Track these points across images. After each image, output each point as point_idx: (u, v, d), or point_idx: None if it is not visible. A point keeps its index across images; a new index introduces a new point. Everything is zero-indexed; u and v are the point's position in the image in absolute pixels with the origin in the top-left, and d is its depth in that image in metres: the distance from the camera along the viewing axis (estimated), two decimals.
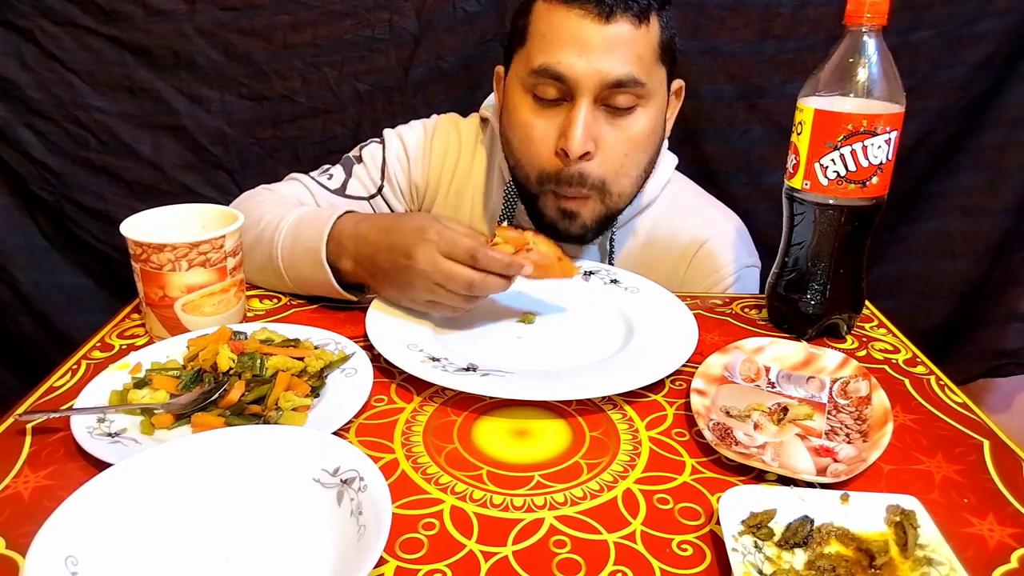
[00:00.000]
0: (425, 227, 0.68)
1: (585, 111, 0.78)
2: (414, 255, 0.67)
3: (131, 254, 0.70)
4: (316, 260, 0.74)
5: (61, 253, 1.22)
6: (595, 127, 0.79)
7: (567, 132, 0.78)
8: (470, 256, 0.66)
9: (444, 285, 0.67)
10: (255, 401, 0.60)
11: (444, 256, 0.67)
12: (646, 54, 0.78)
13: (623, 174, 0.83)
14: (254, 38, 1.11)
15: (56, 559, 0.41)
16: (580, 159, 0.79)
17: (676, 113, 0.91)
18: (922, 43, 1.09)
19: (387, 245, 0.70)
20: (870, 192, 0.68)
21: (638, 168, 0.84)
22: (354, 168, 0.96)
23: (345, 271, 0.75)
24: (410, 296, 0.71)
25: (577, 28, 0.76)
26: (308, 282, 0.78)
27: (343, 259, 0.74)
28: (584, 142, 0.78)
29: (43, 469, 0.54)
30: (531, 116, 0.81)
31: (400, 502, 0.51)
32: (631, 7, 0.76)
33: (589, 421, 0.61)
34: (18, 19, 1.07)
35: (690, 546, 0.48)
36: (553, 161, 0.81)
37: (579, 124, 0.77)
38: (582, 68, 0.76)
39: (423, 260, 0.67)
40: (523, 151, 0.83)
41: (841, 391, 0.64)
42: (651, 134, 0.83)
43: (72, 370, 0.67)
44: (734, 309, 0.82)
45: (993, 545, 0.49)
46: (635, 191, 0.87)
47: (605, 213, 0.85)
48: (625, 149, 0.81)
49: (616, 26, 0.76)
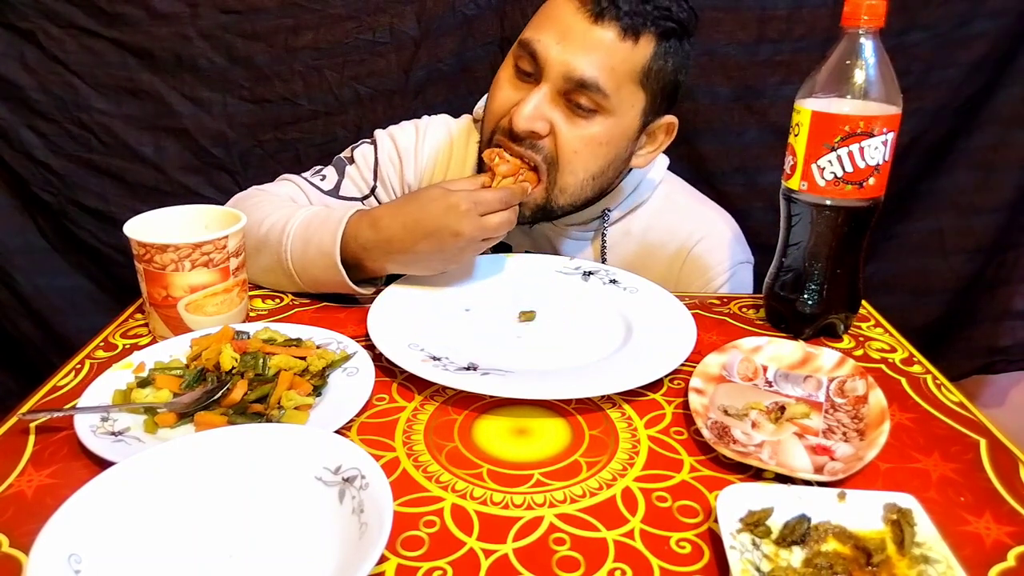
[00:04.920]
0: (453, 203, 0.74)
1: (542, 94, 0.79)
2: (462, 231, 0.73)
3: (134, 255, 0.70)
4: (331, 264, 0.77)
5: (62, 255, 1.22)
6: (550, 113, 0.79)
7: (518, 104, 0.79)
8: (503, 203, 0.75)
9: (490, 237, 0.76)
10: (258, 400, 0.60)
11: (484, 215, 0.74)
12: (621, 68, 0.78)
13: (569, 169, 0.82)
14: (256, 41, 1.12)
15: (59, 557, 0.41)
16: (530, 135, 0.79)
17: (663, 148, 0.88)
18: (916, 44, 1.10)
19: (425, 234, 0.75)
20: (867, 193, 0.69)
21: (585, 171, 0.83)
22: (346, 169, 0.96)
23: (370, 271, 0.79)
24: (460, 259, 0.79)
25: (568, 18, 0.78)
26: (321, 282, 0.80)
27: (366, 262, 0.78)
28: (530, 119, 0.78)
29: (46, 468, 0.54)
30: (506, 80, 0.83)
31: (401, 500, 0.51)
32: (622, 18, 0.76)
33: (588, 420, 0.62)
34: (20, 21, 1.08)
35: (688, 544, 0.49)
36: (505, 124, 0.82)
37: (531, 102, 0.78)
38: (554, 55, 0.78)
39: (471, 230, 0.74)
40: (488, 107, 0.86)
41: (838, 390, 0.64)
42: (605, 144, 0.81)
43: (76, 369, 0.67)
44: (732, 309, 0.83)
45: (990, 543, 0.49)
46: (579, 195, 0.85)
47: (545, 200, 0.84)
48: (575, 145, 0.81)
49: (602, 30, 0.77)
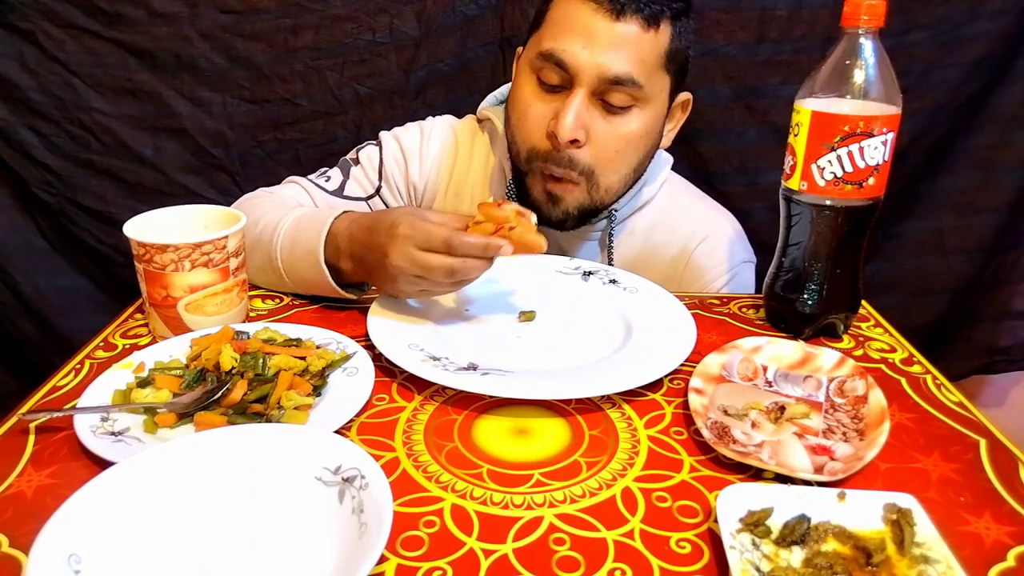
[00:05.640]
0: (397, 223, 0.68)
1: (579, 100, 0.79)
2: (389, 253, 0.68)
3: (134, 255, 0.70)
4: (314, 261, 0.75)
5: (61, 255, 1.23)
6: (587, 118, 0.81)
7: (559, 116, 0.80)
8: (445, 245, 0.66)
9: (425, 277, 0.68)
10: (257, 400, 0.60)
11: (421, 249, 0.67)
12: (650, 58, 0.80)
13: (612, 169, 0.84)
14: (255, 41, 1.12)
15: (59, 558, 0.41)
16: (570, 146, 0.81)
17: (680, 125, 0.92)
18: (916, 44, 1.10)
19: (370, 244, 0.71)
20: (867, 193, 0.69)
21: (628, 166, 0.85)
22: (351, 170, 0.97)
23: (345, 271, 0.76)
24: (400, 289, 0.72)
25: (588, 20, 0.78)
26: (308, 283, 0.79)
27: (341, 259, 0.75)
28: (574, 129, 0.79)
29: (46, 468, 0.54)
30: (532, 96, 0.84)
31: (401, 500, 0.51)
32: (642, 9, 0.77)
33: (588, 420, 0.62)
34: (20, 21, 1.08)
35: (688, 544, 0.48)
36: (544, 141, 0.83)
37: (571, 111, 0.79)
38: (584, 59, 0.78)
39: (398, 257, 0.67)
40: (519, 127, 0.86)
41: (838, 390, 0.64)
42: (644, 136, 0.84)
43: (75, 369, 0.67)
44: (732, 309, 0.83)
45: (990, 543, 0.49)
46: (622, 189, 0.88)
47: (589, 204, 0.86)
48: (616, 145, 0.82)
49: (625, 25, 0.78)
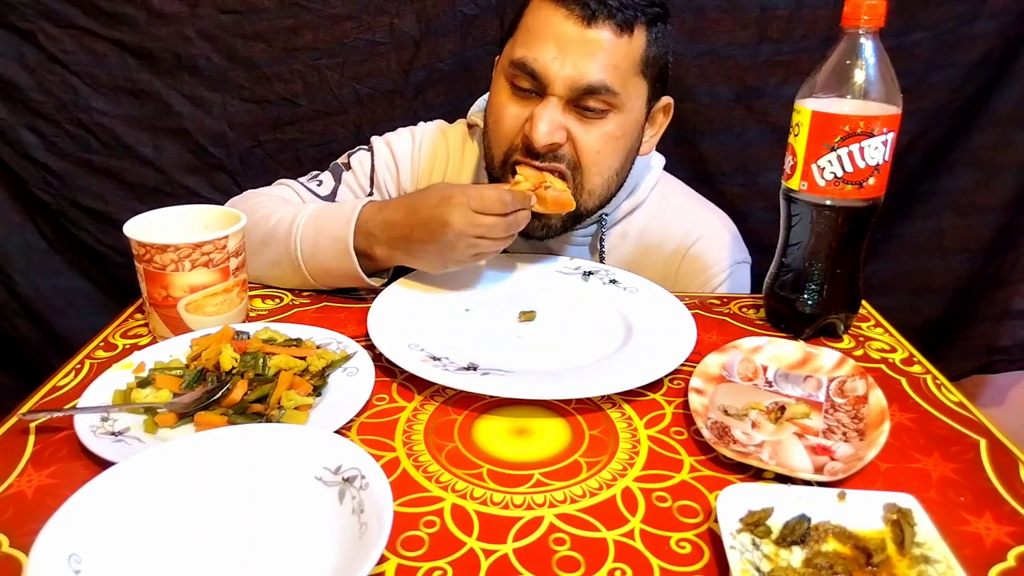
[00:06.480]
0: (450, 194, 0.73)
1: (552, 106, 0.78)
2: (449, 221, 0.72)
3: (134, 255, 0.70)
4: (342, 249, 0.77)
5: (60, 255, 1.22)
6: (564, 121, 0.79)
7: (532, 120, 0.79)
8: (501, 204, 0.73)
9: (485, 236, 0.74)
10: (258, 400, 0.60)
11: (477, 212, 0.72)
12: (624, 64, 0.79)
13: (595, 171, 0.82)
14: (255, 41, 1.11)
15: (59, 558, 0.41)
16: (550, 148, 0.79)
17: (663, 130, 0.90)
18: (916, 44, 1.10)
19: (419, 222, 0.74)
20: (867, 193, 0.69)
21: (609, 169, 0.83)
22: (343, 175, 0.97)
23: (379, 258, 0.78)
24: (454, 258, 0.76)
25: (559, 27, 0.77)
26: (331, 272, 0.79)
27: (375, 247, 0.77)
28: (549, 133, 0.78)
29: (46, 468, 0.54)
30: (506, 100, 0.83)
31: (401, 500, 0.51)
32: (614, 15, 0.76)
33: (588, 420, 0.62)
34: (20, 21, 1.08)
35: (688, 544, 0.49)
36: (520, 140, 0.81)
37: (544, 117, 0.78)
38: (556, 68, 0.77)
39: (459, 222, 0.72)
40: (493, 131, 0.85)
41: (838, 390, 0.64)
42: (622, 138, 0.82)
43: (76, 369, 0.67)
44: (732, 309, 0.83)
45: (990, 543, 0.49)
46: (604, 194, 0.85)
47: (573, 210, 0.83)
48: (597, 144, 0.81)
49: (597, 31, 0.76)
